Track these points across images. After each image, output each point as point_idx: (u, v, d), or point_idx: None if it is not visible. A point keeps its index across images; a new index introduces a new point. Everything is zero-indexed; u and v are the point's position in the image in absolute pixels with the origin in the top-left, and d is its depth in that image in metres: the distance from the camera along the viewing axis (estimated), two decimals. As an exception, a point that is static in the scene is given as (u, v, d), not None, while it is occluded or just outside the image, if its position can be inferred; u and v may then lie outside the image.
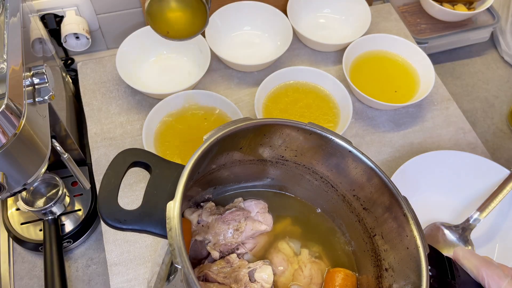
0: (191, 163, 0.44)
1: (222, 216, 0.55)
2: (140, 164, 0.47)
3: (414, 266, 0.46)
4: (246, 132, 0.50)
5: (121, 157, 0.46)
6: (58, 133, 0.74)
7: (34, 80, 0.53)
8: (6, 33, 0.52)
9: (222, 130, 0.47)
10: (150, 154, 0.47)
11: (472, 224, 0.71)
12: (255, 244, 0.56)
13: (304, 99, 0.85)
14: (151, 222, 0.43)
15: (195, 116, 0.81)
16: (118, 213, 0.43)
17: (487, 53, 1.10)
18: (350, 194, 0.56)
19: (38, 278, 0.75)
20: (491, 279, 0.46)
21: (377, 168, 0.51)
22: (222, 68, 0.91)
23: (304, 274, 0.55)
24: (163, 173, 0.46)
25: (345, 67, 0.86)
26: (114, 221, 0.43)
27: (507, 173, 0.74)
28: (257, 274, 0.51)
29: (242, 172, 0.58)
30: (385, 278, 0.51)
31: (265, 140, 0.53)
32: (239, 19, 0.94)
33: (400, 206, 0.49)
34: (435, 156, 0.75)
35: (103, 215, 0.43)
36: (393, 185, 0.50)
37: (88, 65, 0.90)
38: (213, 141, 0.46)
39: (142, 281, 0.68)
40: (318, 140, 0.52)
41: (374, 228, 0.54)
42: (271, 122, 0.51)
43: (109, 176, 0.45)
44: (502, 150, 0.94)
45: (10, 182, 0.51)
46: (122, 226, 0.43)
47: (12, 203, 0.78)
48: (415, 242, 0.47)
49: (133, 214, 0.43)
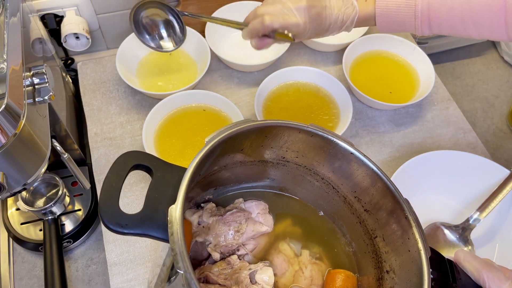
0: (193, 166, 0.43)
1: (223, 218, 0.55)
2: (142, 167, 0.47)
3: (416, 269, 0.46)
4: (247, 134, 0.50)
5: (122, 160, 0.46)
6: (58, 133, 0.74)
7: (34, 80, 0.53)
8: (6, 33, 0.52)
9: (223, 132, 0.47)
10: (151, 157, 0.47)
11: (472, 224, 0.71)
12: (255, 245, 0.56)
13: (305, 99, 0.85)
14: (153, 226, 0.43)
15: (195, 116, 0.81)
16: (120, 218, 0.43)
17: (487, 53, 1.10)
18: (352, 196, 0.56)
19: (38, 278, 0.75)
20: (492, 282, 0.46)
21: (379, 170, 0.51)
22: (222, 68, 0.91)
23: (305, 275, 0.55)
24: (165, 176, 0.46)
25: (345, 67, 0.86)
26: (116, 226, 0.43)
27: (507, 173, 0.74)
28: (258, 276, 0.51)
29: (243, 173, 0.58)
30: (386, 280, 0.51)
31: (267, 142, 0.53)
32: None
33: (402, 208, 0.49)
34: (435, 156, 0.75)
35: (105, 220, 0.42)
36: (395, 187, 0.50)
37: (88, 65, 0.90)
38: (215, 144, 0.46)
39: (142, 281, 0.68)
40: (320, 141, 0.52)
41: (375, 230, 0.54)
42: (273, 124, 0.51)
43: (110, 180, 0.45)
44: (502, 150, 0.94)
45: (10, 182, 0.51)
46: (124, 230, 0.43)
47: (12, 203, 0.78)
48: (417, 245, 0.47)
49: (135, 219, 0.43)
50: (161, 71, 0.88)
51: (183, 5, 0.90)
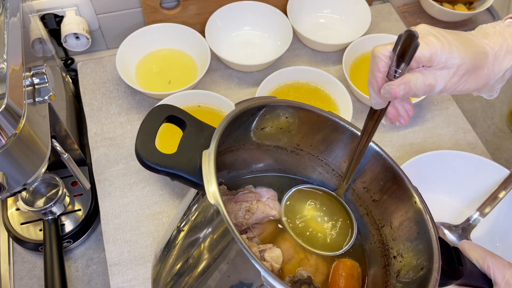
0: (224, 123, 0.47)
1: (235, 197, 0.56)
2: (175, 119, 0.50)
3: (425, 248, 0.47)
4: (271, 109, 0.53)
5: (158, 110, 0.50)
6: (58, 133, 0.74)
7: (34, 80, 0.53)
8: (6, 33, 0.52)
9: (252, 101, 0.50)
10: (185, 112, 0.51)
11: (472, 224, 0.71)
12: (263, 230, 0.57)
13: (305, 99, 0.85)
14: (185, 168, 0.46)
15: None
16: (156, 155, 0.46)
17: (487, 53, 1.10)
18: (361, 187, 0.57)
19: (38, 278, 0.75)
20: (496, 268, 0.47)
21: (388, 157, 0.53)
22: (222, 68, 0.91)
23: (310, 263, 0.56)
24: (196, 130, 0.50)
25: (345, 67, 0.86)
26: (152, 163, 0.46)
27: (507, 173, 0.74)
28: (267, 254, 0.52)
29: (257, 158, 0.60)
30: (393, 265, 0.53)
31: (286, 125, 0.55)
32: (239, 19, 0.94)
33: (410, 194, 0.51)
34: (435, 156, 0.75)
35: (141, 156, 0.46)
36: (404, 173, 0.51)
37: (88, 65, 0.90)
38: (243, 109, 0.49)
39: (142, 281, 0.68)
40: (335, 128, 0.54)
41: (382, 219, 0.55)
42: (295, 105, 0.54)
43: (147, 123, 0.48)
44: (502, 150, 0.94)
45: (10, 182, 0.51)
46: (158, 167, 0.46)
47: (12, 203, 0.78)
48: (426, 226, 0.48)
49: (169, 159, 0.46)
50: (161, 71, 0.88)
51: (183, 5, 0.90)
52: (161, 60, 0.89)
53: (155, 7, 0.89)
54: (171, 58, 0.90)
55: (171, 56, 0.90)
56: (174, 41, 0.89)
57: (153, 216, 0.73)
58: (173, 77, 0.87)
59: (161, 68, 0.89)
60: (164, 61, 0.89)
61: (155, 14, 0.90)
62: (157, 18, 0.91)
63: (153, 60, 0.89)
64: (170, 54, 0.90)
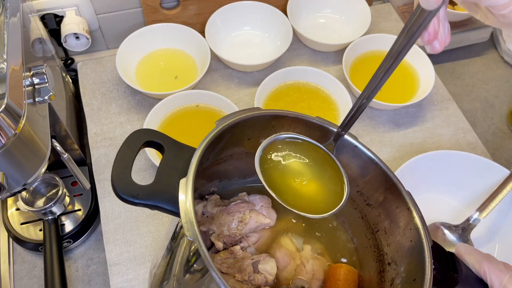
0: (204, 144, 0.45)
1: (227, 208, 0.55)
2: (154, 144, 0.48)
3: (418, 258, 0.47)
4: (255, 121, 0.51)
5: (135, 136, 0.48)
6: (58, 133, 0.74)
7: (34, 80, 0.53)
8: (6, 33, 0.52)
9: (233, 116, 0.49)
10: (163, 136, 0.48)
11: (472, 224, 0.71)
12: (258, 238, 0.57)
13: (305, 99, 0.85)
14: (163, 198, 0.44)
15: (195, 116, 0.81)
16: (132, 188, 0.44)
17: (487, 53, 1.10)
18: (354, 191, 0.56)
19: (38, 278, 0.75)
20: (493, 273, 0.46)
21: (381, 163, 0.51)
22: (222, 68, 0.91)
23: (307, 269, 0.55)
24: (176, 154, 0.47)
25: (345, 67, 0.86)
26: (128, 196, 0.43)
27: (507, 173, 0.74)
28: (261, 266, 0.52)
29: (248, 167, 0.58)
30: (387, 272, 0.52)
31: (273, 133, 0.53)
32: (239, 19, 0.94)
33: (404, 200, 0.50)
34: (435, 156, 0.75)
35: (117, 189, 0.43)
36: (397, 179, 0.50)
37: (88, 65, 0.90)
38: (225, 127, 0.48)
39: (142, 281, 0.68)
40: (325, 134, 0.53)
41: (377, 224, 0.54)
42: (280, 113, 0.52)
43: (124, 153, 0.46)
44: (502, 150, 0.94)
45: (10, 182, 0.51)
46: (135, 200, 0.44)
47: (12, 203, 0.78)
48: (419, 235, 0.48)
49: (146, 190, 0.44)
50: (161, 71, 0.88)
51: (183, 5, 0.90)
52: (161, 60, 0.89)
53: (155, 7, 0.89)
54: (171, 58, 0.90)
55: (171, 56, 0.90)
56: (174, 41, 0.89)
57: (153, 216, 0.73)
58: (173, 77, 0.87)
59: (161, 68, 0.89)
60: (164, 61, 0.89)
61: (155, 14, 0.90)
62: (157, 18, 0.91)
63: (153, 60, 0.89)
64: (170, 54, 0.90)
